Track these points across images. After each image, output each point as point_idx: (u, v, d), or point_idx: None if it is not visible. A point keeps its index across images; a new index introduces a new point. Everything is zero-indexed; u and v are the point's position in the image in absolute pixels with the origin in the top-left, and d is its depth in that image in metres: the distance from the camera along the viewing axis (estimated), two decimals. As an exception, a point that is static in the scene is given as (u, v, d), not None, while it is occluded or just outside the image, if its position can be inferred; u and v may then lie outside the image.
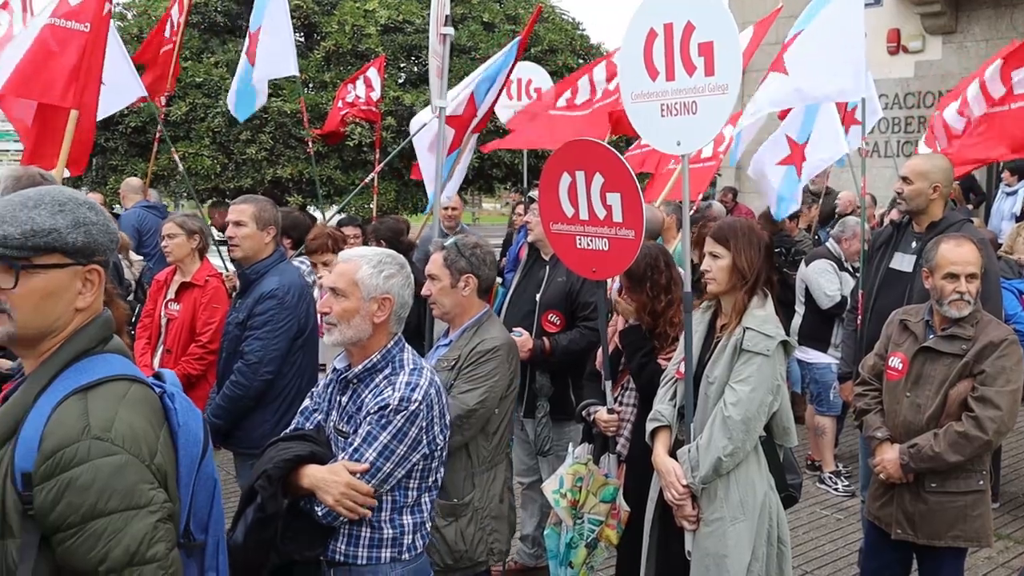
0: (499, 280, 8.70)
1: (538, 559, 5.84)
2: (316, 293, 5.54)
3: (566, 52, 17.04)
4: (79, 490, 1.87)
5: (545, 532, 4.65)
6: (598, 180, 4.23)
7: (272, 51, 9.02)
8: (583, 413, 4.73)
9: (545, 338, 5.27)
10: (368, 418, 3.08)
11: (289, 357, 4.78)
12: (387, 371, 3.17)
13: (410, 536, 3.18)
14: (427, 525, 3.26)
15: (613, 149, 4.24)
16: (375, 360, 3.17)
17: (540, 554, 5.82)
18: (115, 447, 1.91)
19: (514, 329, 5.19)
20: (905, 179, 5.20)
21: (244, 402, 4.71)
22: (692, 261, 4.22)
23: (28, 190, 2.07)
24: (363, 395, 3.16)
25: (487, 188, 18.66)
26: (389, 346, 3.21)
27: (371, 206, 12.65)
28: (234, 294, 5.42)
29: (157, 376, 2.22)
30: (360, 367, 3.18)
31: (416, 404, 3.08)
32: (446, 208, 8.98)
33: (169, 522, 2.00)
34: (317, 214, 11.07)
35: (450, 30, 5.71)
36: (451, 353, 4.08)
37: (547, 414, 5.42)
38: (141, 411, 2.01)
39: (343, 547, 3.12)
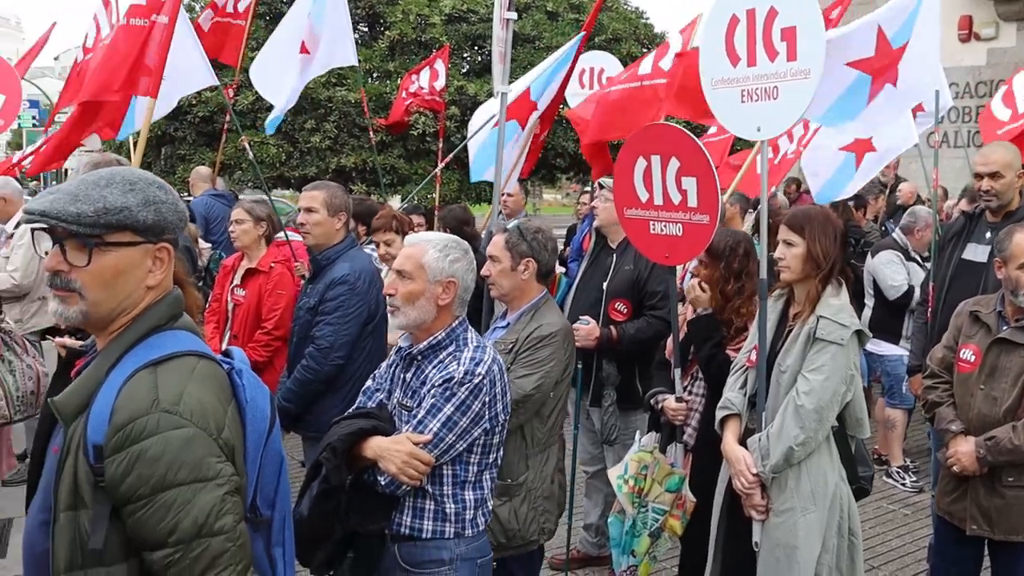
0: (561, 270, 8.69)
1: (601, 548, 5.84)
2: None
3: (630, 41, 16.97)
4: (148, 462, 1.90)
5: (608, 520, 4.64)
6: (674, 165, 4.21)
7: (331, 41, 9.04)
8: (651, 401, 4.72)
9: (612, 327, 5.24)
10: (432, 391, 3.16)
11: (359, 342, 4.82)
12: (451, 348, 3.25)
13: (471, 512, 3.24)
14: (488, 503, 3.33)
15: (690, 134, 4.21)
16: (440, 337, 3.26)
17: (603, 543, 5.82)
18: (183, 420, 1.94)
19: (581, 317, 5.19)
20: (994, 175, 5.09)
21: (314, 386, 4.76)
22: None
23: (100, 170, 2.11)
24: (427, 371, 3.24)
25: (549, 178, 18.63)
26: (454, 325, 3.29)
27: (434, 196, 12.71)
28: (304, 280, 5.47)
29: (226, 354, 2.25)
30: (424, 343, 3.27)
31: (480, 378, 3.15)
32: (503, 195, 8.98)
33: (236, 495, 2.03)
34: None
35: (513, 15, 5.70)
36: (508, 336, 4.11)
37: (614, 403, 5.40)
38: (209, 386, 2.04)
39: (408, 520, 3.19)
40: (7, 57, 8.55)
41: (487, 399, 3.18)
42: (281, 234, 6.49)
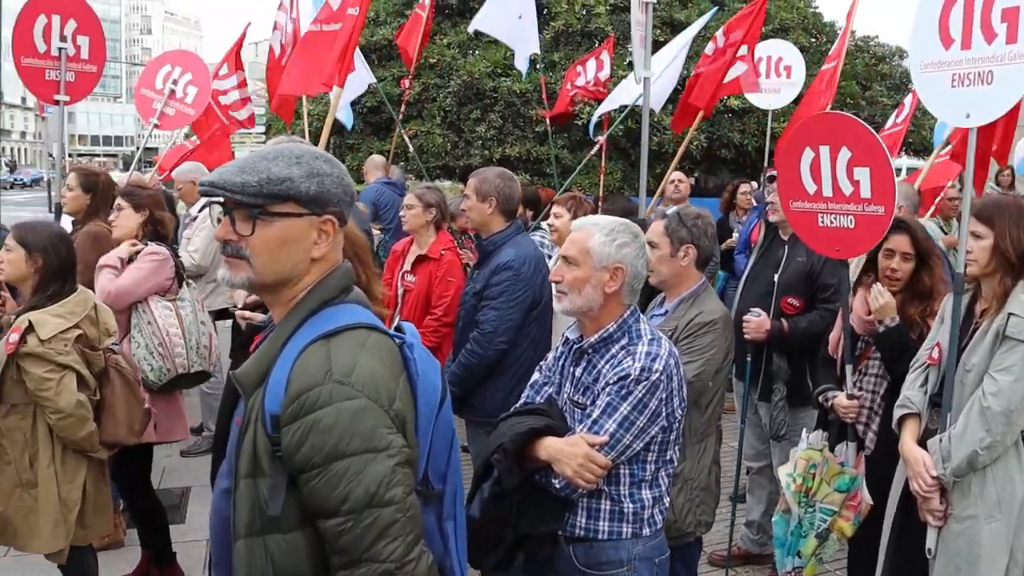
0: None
1: (763, 546, 5.71)
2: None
3: (798, 30, 16.48)
4: (322, 432, 1.93)
5: (774, 519, 4.51)
6: (844, 154, 4.07)
7: (524, 30, 9.27)
8: (820, 398, 4.55)
9: (783, 320, 5.11)
10: (607, 389, 3.02)
11: (523, 328, 4.83)
12: (623, 341, 3.10)
13: (649, 510, 3.11)
14: (665, 500, 3.19)
15: (863, 122, 4.06)
16: (611, 330, 3.12)
17: (765, 541, 5.69)
18: (356, 392, 1.96)
19: (751, 309, 5.08)
20: None
21: (478, 370, 4.80)
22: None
23: (271, 146, 2.16)
24: (599, 366, 3.10)
25: (711, 170, 18.32)
26: (625, 316, 3.14)
27: (598, 186, 12.68)
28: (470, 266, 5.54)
29: (398, 328, 2.26)
30: (595, 337, 3.13)
31: (657, 375, 3.00)
32: (673, 182, 8.90)
33: (407, 467, 2.03)
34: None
35: None
36: (667, 324, 4.01)
37: (783, 398, 5.26)
38: (381, 358, 2.05)
39: (583, 521, 3.09)
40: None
41: (664, 396, 3.02)
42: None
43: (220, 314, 7.16)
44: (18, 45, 7.02)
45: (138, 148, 9.16)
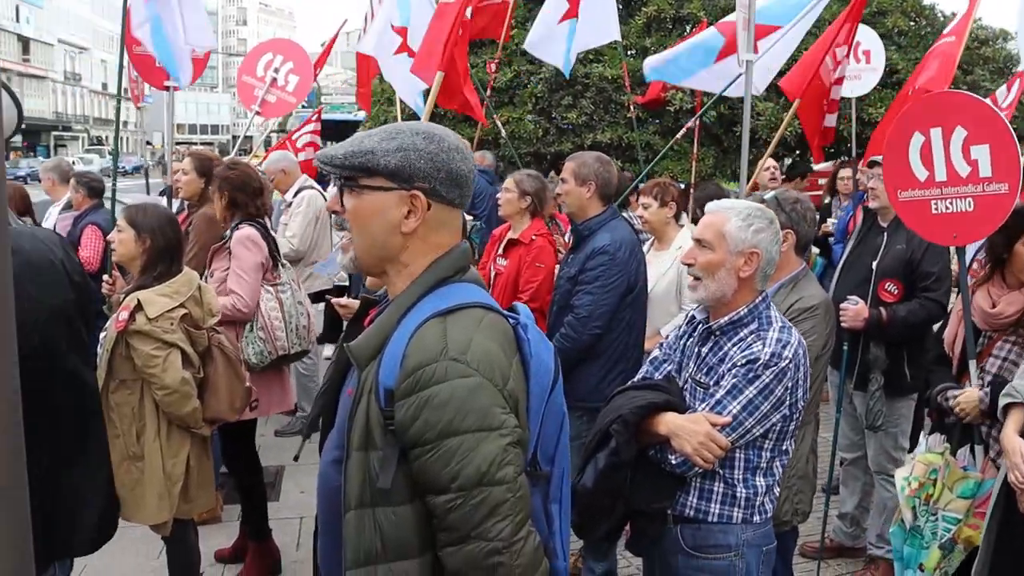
0: (815, 251, 8.42)
1: (855, 539, 5.64)
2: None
3: (896, 14, 16.03)
4: (436, 408, 1.95)
5: (891, 529, 4.28)
6: (959, 134, 3.94)
7: (594, 18, 9.13)
8: (938, 399, 4.24)
9: (882, 308, 5.01)
10: (734, 370, 3.00)
11: (618, 313, 4.81)
12: (753, 326, 3.08)
13: (761, 498, 3.08)
14: (776, 490, 3.15)
15: (979, 97, 3.93)
16: (742, 314, 3.09)
17: (858, 534, 5.63)
18: (470, 369, 1.97)
19: (848, 297, 4.99)
20: None
21: (572, 354, 4.78)
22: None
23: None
24: (726, 347, 3.08)
25: (804, 156, 17.98)
26: (756, 302, 3.12)
27: (689, 172, 12.56)
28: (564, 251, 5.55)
29: (511, 309, 2.27)
30: (725, 319, 3.11)
31: (786, 362, 2.97)
32: (768, 168, 8.77)
33: (518, 447, 2.03)
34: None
35: None
36: None
37: (880, 388, 5.14)
38: (495, 338, 2.06)
39: (694, 501, 3.07)
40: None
41: (790, 384, 3.00)
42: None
43: (315, 297, 7.30)
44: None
45: (236, 137, 9.54)
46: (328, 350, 9.85)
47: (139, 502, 4.18)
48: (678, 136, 9.61)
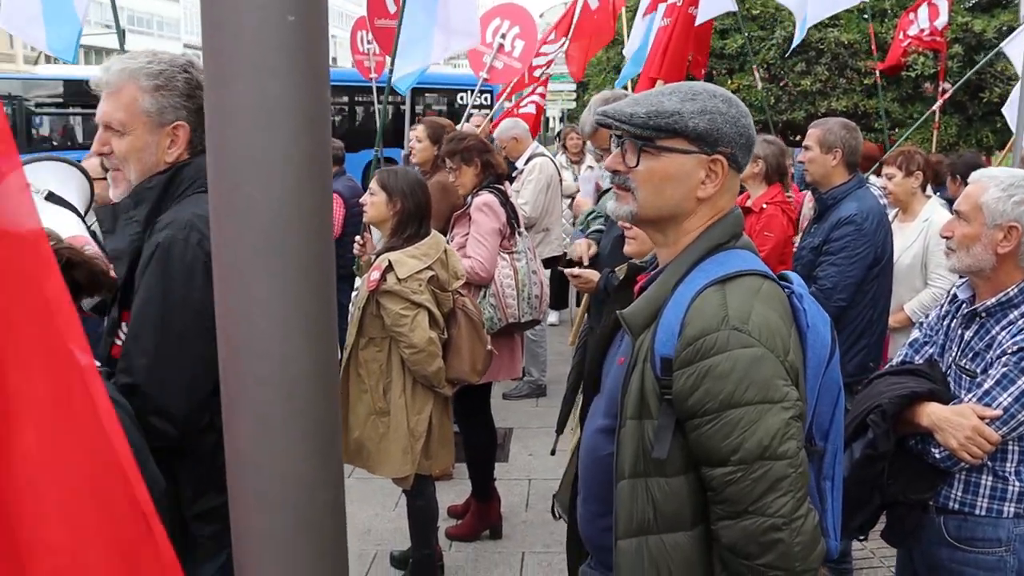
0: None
1: None
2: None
3: None
4: (717, 378, 1.90)
5: None
6: None
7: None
8: None
9: None
10: (1004, 359, 2.76)
11: (863, 285, 4.62)
12: None
13: None
14: None
15: None
16: (1011, 294, 2.86)
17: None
18: (752, 339, 1.91)
19: None
20: None
21: (819, 328, 4.62)
22: None
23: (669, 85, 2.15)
24: (993, 331, 2.86)
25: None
26: None
27: (930, 142, 11.91)
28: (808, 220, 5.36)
29: (782, 277, 2.19)
30: (992, 300, 2.88)
31: None
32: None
33: (799, 421, 1.97)
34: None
35: None
36: None
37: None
38: (775, 307, 2.00)
39: (959, 494, 2.89)
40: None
41: None
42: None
43: (548, 262, 7.38)
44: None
45: (468, 105, 9.68)
46: (552, 316, 9.97)
47: (384, 455, 4.36)
48: (938, 104, 9.08)
